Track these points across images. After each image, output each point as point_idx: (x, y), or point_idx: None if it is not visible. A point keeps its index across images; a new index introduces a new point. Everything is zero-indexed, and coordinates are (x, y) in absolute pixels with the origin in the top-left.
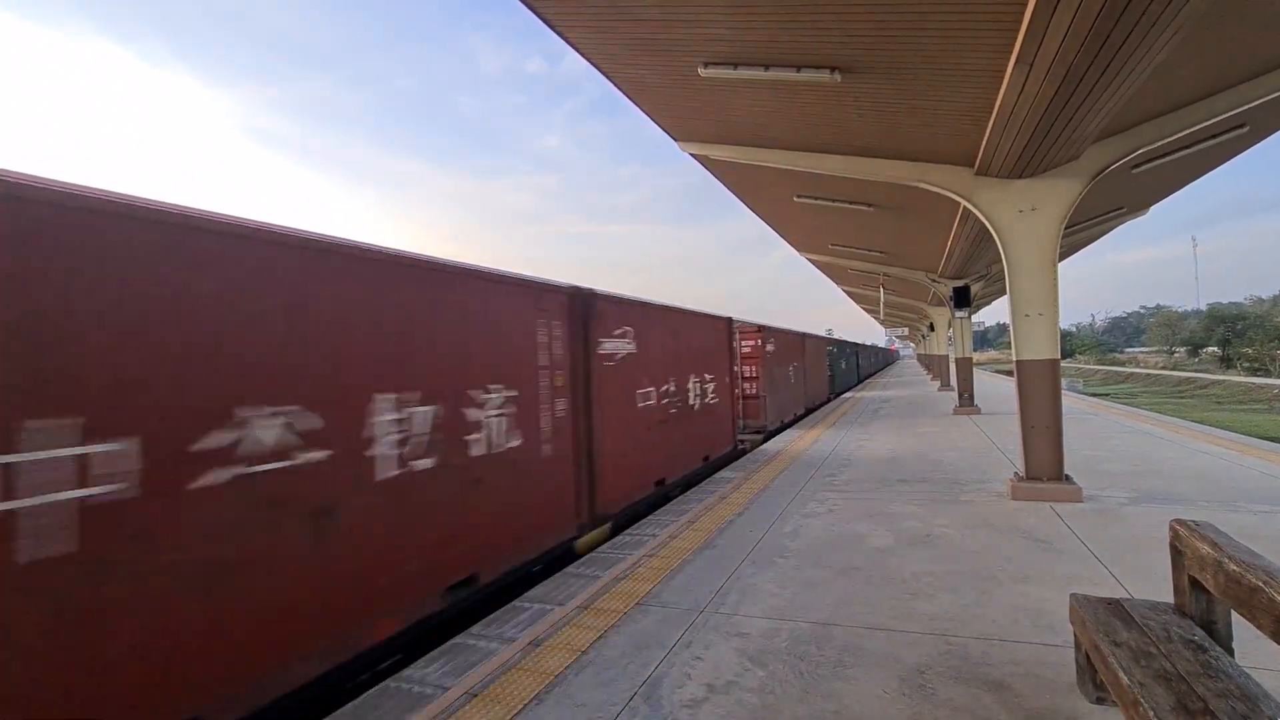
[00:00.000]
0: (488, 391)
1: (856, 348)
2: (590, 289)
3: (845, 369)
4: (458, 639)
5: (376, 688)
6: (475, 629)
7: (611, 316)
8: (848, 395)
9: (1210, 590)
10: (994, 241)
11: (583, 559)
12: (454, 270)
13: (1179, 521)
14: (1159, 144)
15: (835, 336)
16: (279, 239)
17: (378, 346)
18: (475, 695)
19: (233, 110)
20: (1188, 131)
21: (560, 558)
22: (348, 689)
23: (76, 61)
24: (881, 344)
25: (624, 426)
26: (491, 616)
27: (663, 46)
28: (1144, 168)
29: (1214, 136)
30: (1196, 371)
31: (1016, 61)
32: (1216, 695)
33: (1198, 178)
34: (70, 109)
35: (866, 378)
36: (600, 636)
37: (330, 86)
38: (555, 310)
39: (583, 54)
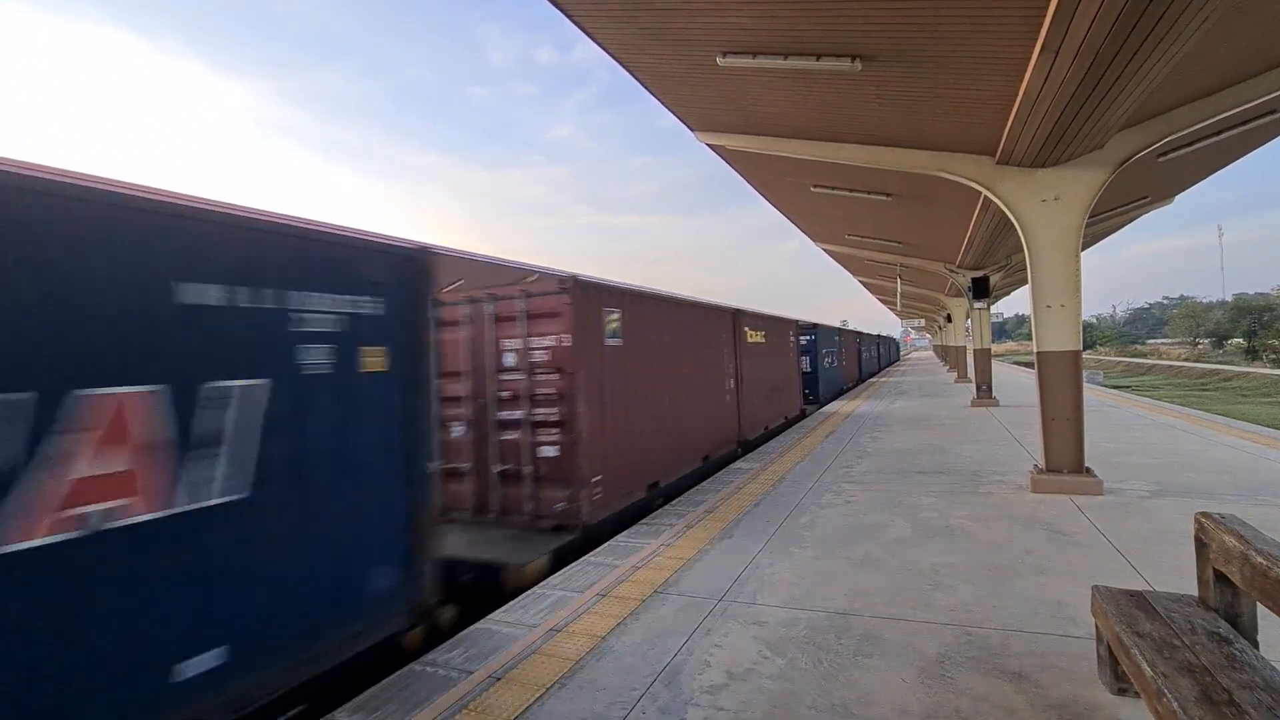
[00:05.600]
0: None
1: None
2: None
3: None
4: (479, 624)
5: (402, 670)
6: (496, 615)
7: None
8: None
9: (1235, 583)
10: (1015, 232)
11: (600, 548)
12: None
13: (1204, 514)
14: (1186, 131)
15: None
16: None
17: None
18: (499, 679)
19: (246, 101)
20: (1217, 118)
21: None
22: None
23: (96, 54)
24: (894, 334)
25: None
26: (512, 604)
27: (680, 35)
28: (1170, 156)
29: (1244, 123)
30: (1221, 364)
31: (1041, 49)
32: (1241, 687)
33: (1225, 165)
34: (93, 101)
35: (839, 395)
36: (620, 624)
37: (341, 77)
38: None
39: (599, 44)
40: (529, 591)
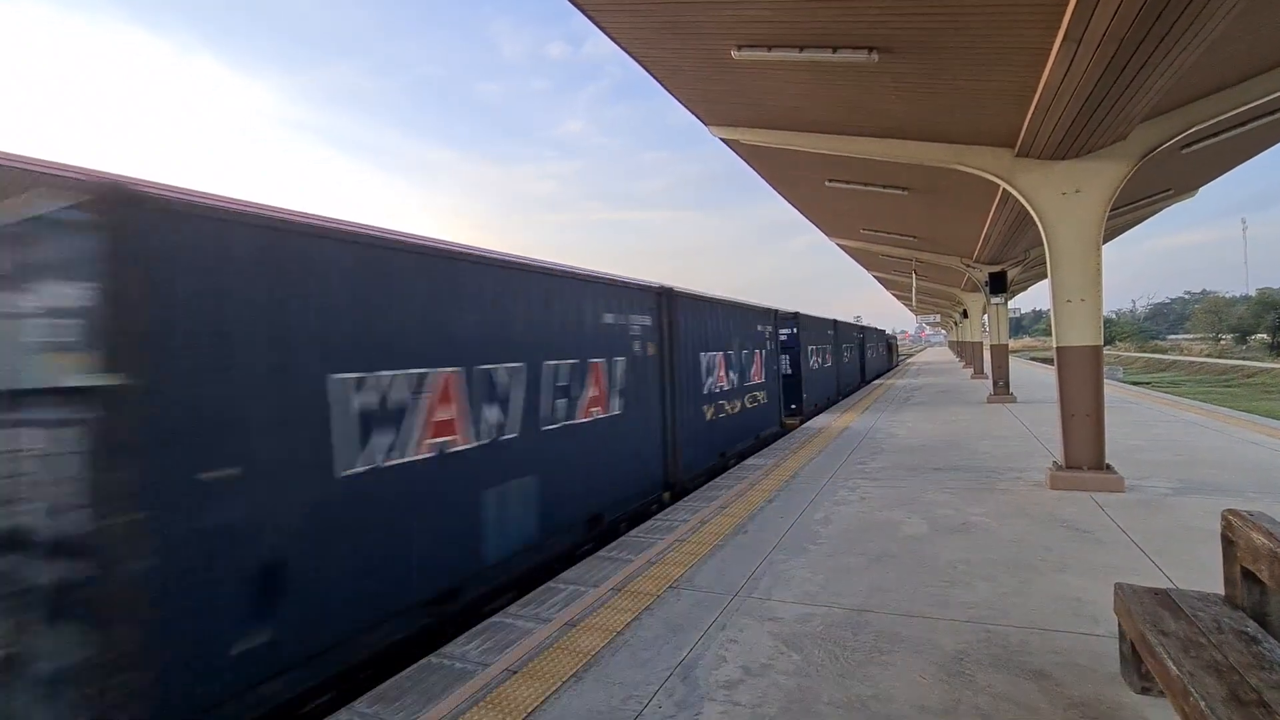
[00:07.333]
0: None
1: None
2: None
3: None
4: (495, 618)
5: (418, 663)
6: (512, 609)
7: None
8: None
9: (1264, 581)
10: (1033, 225)
11: (613, 543)
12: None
13: (1231, 511)
14: (1212, 122)
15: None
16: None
17: None
18: (515, 672)
19: (262, 99)
20: (1243, 109)
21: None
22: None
23: (116, 53)
24: (885, 327)
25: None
26: (527, 598)
27: (695, 29)
28: (1194, 147)
29: (1270, 113)
30: (1244, 359)
31: (1064, 38)
32: (1271, 687)
33: (1251, 157)
34: (115, 100)
35: None
36: (635, 618)
37: (354, 73)
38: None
39: (613, 38)
40: (543, 586)
